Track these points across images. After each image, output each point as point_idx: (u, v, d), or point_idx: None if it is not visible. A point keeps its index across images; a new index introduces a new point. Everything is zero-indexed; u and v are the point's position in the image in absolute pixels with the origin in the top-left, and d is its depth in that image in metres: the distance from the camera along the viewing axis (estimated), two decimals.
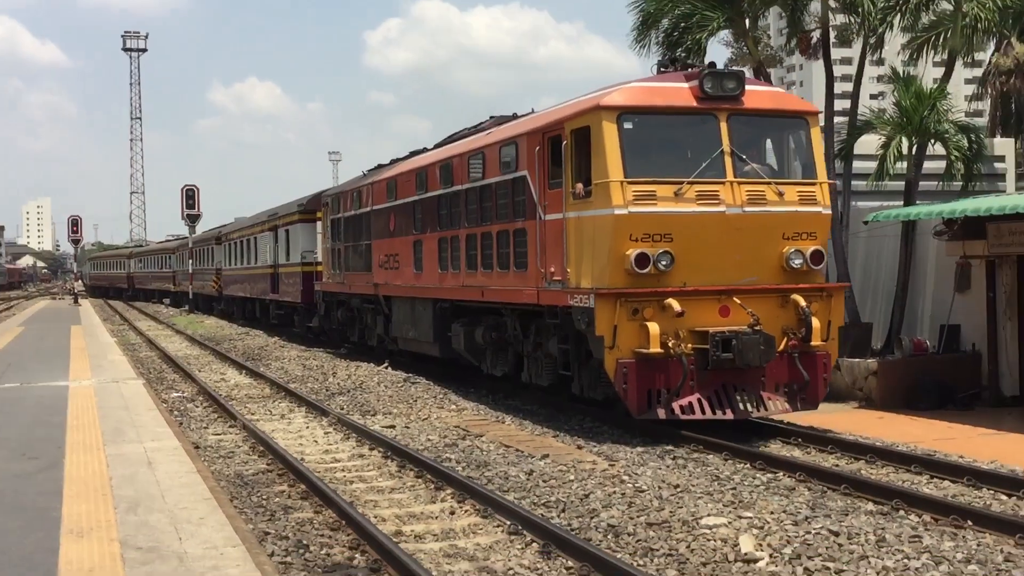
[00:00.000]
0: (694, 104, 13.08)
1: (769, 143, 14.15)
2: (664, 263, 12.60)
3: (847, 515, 8.96)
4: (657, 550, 8.13)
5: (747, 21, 26.64)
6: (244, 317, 41.00)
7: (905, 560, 7.59)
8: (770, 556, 7.86)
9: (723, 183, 12.90)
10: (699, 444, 12.35)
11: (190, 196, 52.08)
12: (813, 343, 13.04)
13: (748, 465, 11.28)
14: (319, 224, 28.31)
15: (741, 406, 12.72)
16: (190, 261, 52.84)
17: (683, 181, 12.72)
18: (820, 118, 13.68)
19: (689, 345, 12.51)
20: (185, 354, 28.15)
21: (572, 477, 10.86)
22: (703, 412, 12.51)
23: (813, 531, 8.44)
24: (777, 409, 13.08)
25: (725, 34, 26.73)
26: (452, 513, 9.65)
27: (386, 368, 21.62)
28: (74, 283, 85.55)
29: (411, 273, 20.02)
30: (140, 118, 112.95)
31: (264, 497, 10.35)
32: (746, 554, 7.92)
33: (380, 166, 24.34)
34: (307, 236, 29.74)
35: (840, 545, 8.05)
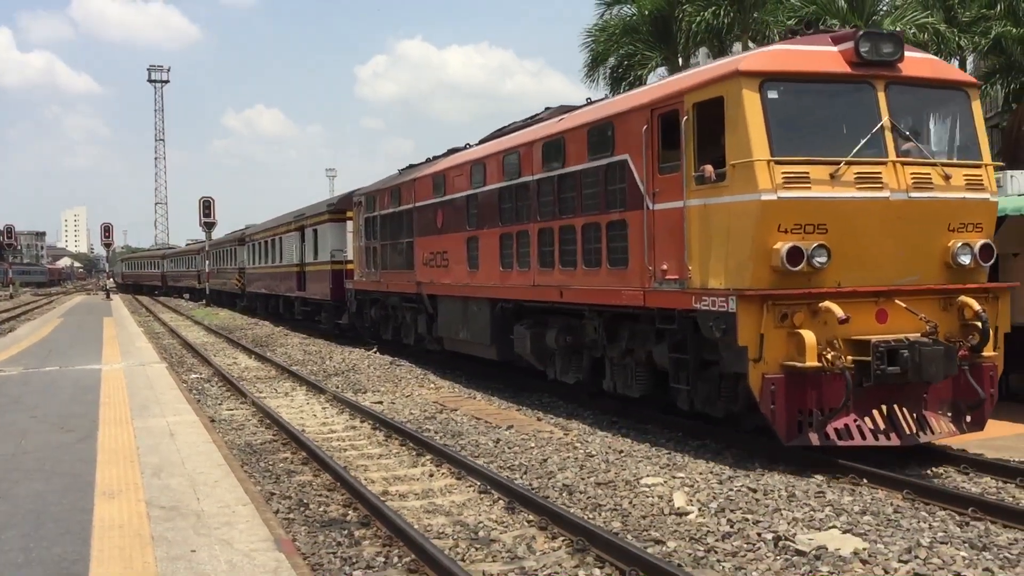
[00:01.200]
0: (847, 70, 9.68)
1: (929, 118, 10.69)
2: (820, 259, 9.26)
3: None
4: (604, 506, 8.18)
5: (680, 59, 26.87)
6: (267, 312, 37.91)
7: None
8: (698, 510, 7.93)
9: (884, 164, 9.55)
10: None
11: (207, 206, 51.61)
12: (984, 353, 9.79)
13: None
14: (349, 223, 25.06)
15: (907, 429, 9.40)
16: (207, 261, 52.43)
17: (840, 161, 9.35)
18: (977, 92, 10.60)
19: (849, 357, 9.22)
20: (202, 341, 27.89)
21: (533, 445, 10.88)
22: (863, 438, 9.19)
23: (735, 488, 8.52)
24: (943, 431, 9.63)
25: (662, 70, 26.96)
26: (431, 476, 9.65)
27: (375, 353, 21.57)
28: (106, 281, 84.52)
29: (463, 271, 16.28)
30: (163, 139, 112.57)
31: (270, 463, 10.30)
32: (678, 508, 7.98)
33: (412, 165, 20.98)
34: (336, 235, 26.55)
35: (757, 500, 8.14)
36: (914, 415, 9.49)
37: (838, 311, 9.08)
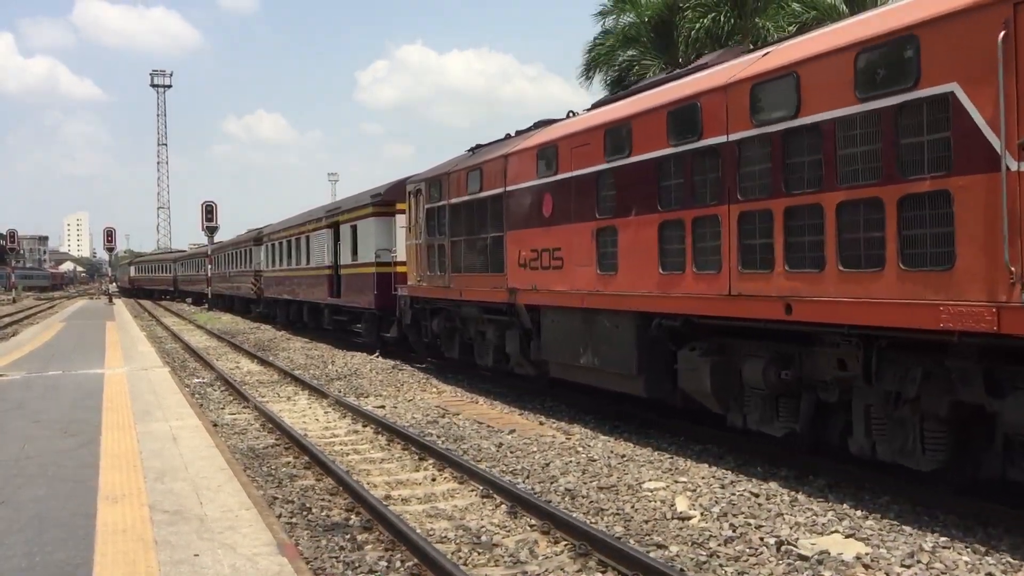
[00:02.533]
0: None
1: None
2: None
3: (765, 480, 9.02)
4: (607, 510, 8.17)
5: (681, 63, 26.85)
6: (287, 320, 33.86)
7: None
8: (701, 514, 7.92)
9: None
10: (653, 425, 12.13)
11: (208, 211, 51.72)
12: None
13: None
14: (399, 218, 21.23)
15: None
16: (209, 266, 52.35)
17: None
18: None
19: None
20: (205, 346, 27.89)
21: (535, 449, 10.87)
22: None
23: (737, 493, 8.50)
24: None
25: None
26: (433, 480, 9.64)
27: (376, 357, 21.57)
28: (109, 285, 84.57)
29: (589, 275, 11.89)
30: (166, 144, 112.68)
31: (273, 467, 10.30)
32: (681, 513, 7.97)
33: (481, 146, 17.10)
34: (382, 232, 22.52)
35: (759, 504, 8.13)
36: None
37: None
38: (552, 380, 14.03)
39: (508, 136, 15.93)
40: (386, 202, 22.62)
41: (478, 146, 17.12)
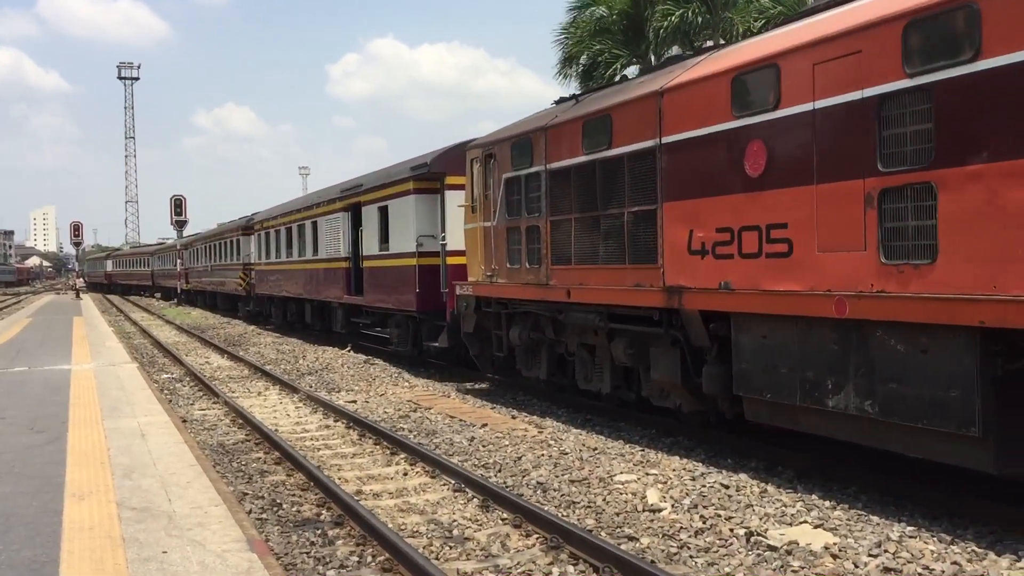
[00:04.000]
0: None
1: None
2: None
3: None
4: (578, 503, 8.18)
5: (652, 58, 26.99)
6: (284, 321, 29.57)
7: None
8: (672, 506, 7.95)
9: None
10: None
11: (178, 205, 51.34)
12: None
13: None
14: (449, 195, 16.83)
15: None
16: (179, 260, 51.77)
17: None
18: None
19: None
20: (174, 341, 27.63)
21: (507, 443, 10.87)
22: None
23: (708, 484, 8.55)
24: None
25: (633, 69, 27.09)
26: (405, 474, 9.61)
27: (348, 351, 21.47)
28: (76, 280, 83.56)
29: (857, 265, 7.51)
30: (134, 137, 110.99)
31: (243, 463, 10.22)
32: (652, 505, 8.00)
33: (591, 90, 14.16)
34: (425, 213, 17.54)
35: (729, 496, 8.18)
36: None
37: None
38: (757, 426, 9.47)
39: (646, 70, 12.63)
40: (432, 175, 17.33)
41: (582, 93, 13.33)
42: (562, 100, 13.36)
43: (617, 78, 24.65)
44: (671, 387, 10.30)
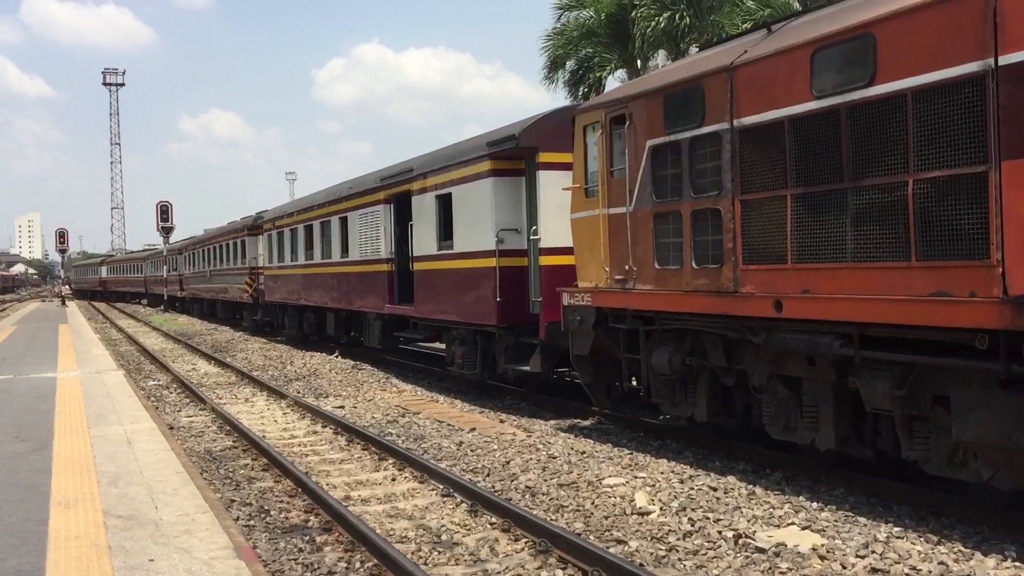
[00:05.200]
0: None
1: None
2: None
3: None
4: (567, 507, 8.19)
5: (639, 61, 27.08)
6: (301, 334, 25.74)
7: None
8: (660, 509, 7.97)
9: None
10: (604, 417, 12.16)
11: (164, 211, 50.99)
12: None
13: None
14: (543, 177, 13.05)
15: None
16: (164, 267, 51.54)
17: None
18: None
19: None
20: (161, 348, 27.51)
21: (495, 447, 10.87)
22: None
23: (696, 487, 8.58)
24: None
25: (622, 73, 27.18)
26: (393, 480, 9.61)
27: (336, 357, 21.43)
28: (61, 287, 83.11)
29: None
30: (119, 143, 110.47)
31: (230, 470, 10.19)
32: (640, 508, 8.02)
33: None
34: (506, 201, 13.79)
35: (717, 499, 8.20)
36: None
37: None
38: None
39: None
40: (519, 151, 13.49)
41: (773, 22, 9.42)
42: (728, 38, 10.42)
43: (608, 82, 24.52)
44: (1001, 456, 6.72)
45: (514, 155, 13.63)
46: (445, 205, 15.62)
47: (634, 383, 11.20)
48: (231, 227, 35.70)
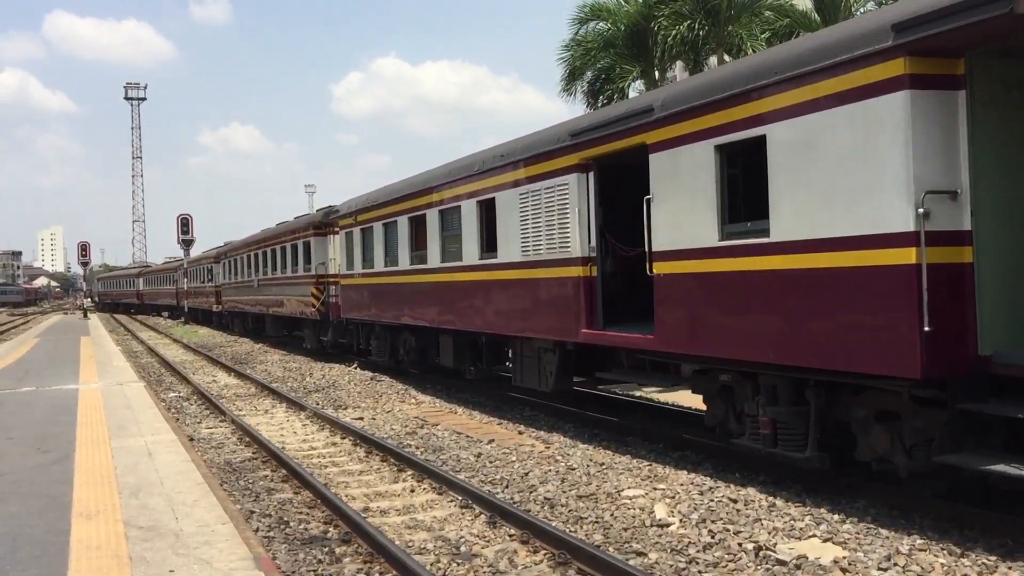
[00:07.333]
0: None
1: None
2: None
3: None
4: (586, 518, 8.17)
5: (656, 72, 27.08)
6: (407, 360, 19.04)
7: None
8: (680, 521, 7.94)
9: None
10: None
11: (184, 224, 51.40)
12: None
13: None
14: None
15: None
16: (185, 280, 51.81)
17: None
18: None
19: None
20: (181, 360, 27.69)
21: (514, 458, 10.86)
22: None
23: (716, 499, 8.53)
24: None
25: (640, 84, 27.17)
26: (412, 491, 9.61)
27: (355, 369, 21.49)
28: (83, 299, 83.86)
29: None
30: (140, 157, 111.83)
31: (250, 481, 10.23)
32: (660, 520, 7.99)
33: None
34: (932, 139, 6.97)
35: (738, 510, 8.16)
36: None
37: None
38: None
39: None
40: (954, 42, 6.85)
41: None
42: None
43: (629, 92, 24.50)
44: None
45: (950, 47, 6.93)
46: (750, 158, 8.83)
47: None
48: (287, 227, 29.19)
